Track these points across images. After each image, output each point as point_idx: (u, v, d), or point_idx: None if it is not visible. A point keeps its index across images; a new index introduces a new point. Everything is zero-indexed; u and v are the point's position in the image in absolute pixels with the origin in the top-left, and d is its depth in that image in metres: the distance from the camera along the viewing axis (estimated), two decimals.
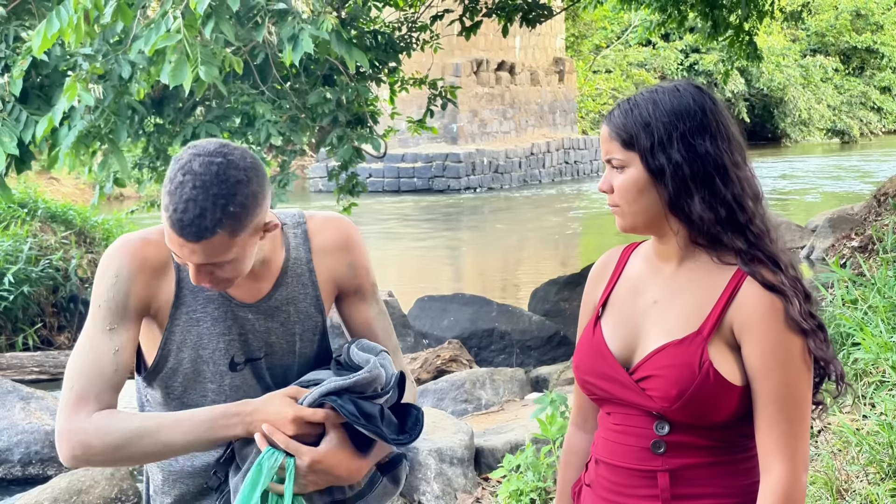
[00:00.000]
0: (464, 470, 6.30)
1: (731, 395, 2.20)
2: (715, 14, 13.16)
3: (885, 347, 5.63)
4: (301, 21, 6.65)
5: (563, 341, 10.84)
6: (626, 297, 2.35)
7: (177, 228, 2.18)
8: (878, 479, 4.61)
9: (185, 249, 2.21)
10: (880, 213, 13.43)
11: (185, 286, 2.38)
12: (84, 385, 2.28)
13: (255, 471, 2.24)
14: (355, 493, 2.38)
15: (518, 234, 22.91)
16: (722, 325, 2.21)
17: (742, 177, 2.23)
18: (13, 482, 7.59)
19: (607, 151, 2.27)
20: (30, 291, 11.73)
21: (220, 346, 2.39)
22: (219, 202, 2.18)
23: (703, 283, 2.25)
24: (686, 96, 2.24)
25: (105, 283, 2.33)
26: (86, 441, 2.24)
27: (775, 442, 2.18)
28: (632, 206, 2.26)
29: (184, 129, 8.81)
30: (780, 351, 2.17)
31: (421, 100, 13.59)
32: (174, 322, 2.37)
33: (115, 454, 2.26)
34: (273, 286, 2.44)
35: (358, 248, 2.54)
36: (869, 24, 46.75)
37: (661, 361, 2.22)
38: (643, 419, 2.26)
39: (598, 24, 40.54)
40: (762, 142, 43.53)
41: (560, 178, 33.67)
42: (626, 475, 2.30)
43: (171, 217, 2.19)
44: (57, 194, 21.51)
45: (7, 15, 7.33)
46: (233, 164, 2.21)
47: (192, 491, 2.46)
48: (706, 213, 2.20)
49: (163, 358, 2.39)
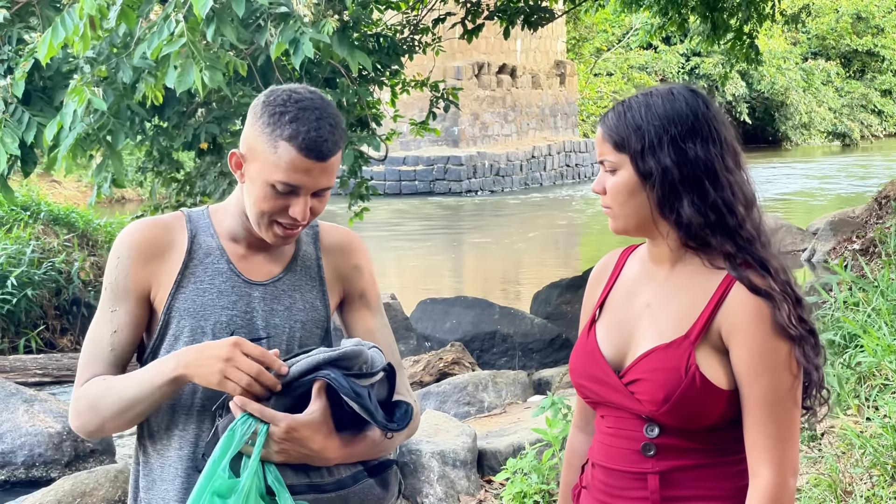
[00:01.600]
0: (467, 472, 6.31)
1: (719, 399, 2.20)
2: (715, 17, 13.17)
3: (888, 350, 5.63)
4: (302, 24, 6.65)
5: (565, 344, 10.84)
6: (621, 300, 2.37)
7: (309, 150, 2.30)
8: (882, 482, 4.61)
9: (313, 172, 2.32)
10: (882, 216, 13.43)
11: (196, 258, 2.43)
12: (86, 361, 2.43)
13: (228, 436, 2.24)
14: (335, 481, 2.33)
15: (519, 237, 22.91)
16: (710, 330, 2.22)
17: (734, 181, 2.24)
18: (17, 484, 7.59)
19: (601, 153, 2.30)
20: (33, 294, 11.73)
21: (221, 319, 2.41)
22: (336, 123, 2.36)
23: (693, 287, 2.26)
24: (679, 100, 2.25)
25: (110, 265, 2.44)
26: (76, 407, 2.40)
27: (763, 446, 2.19)
28: (622, 208, 2.27)
29: (185, 130, 8.81)
30: (768, 356, 2.18)
31: (422, 103, 13.62)
32: (179, 290, 2.41)
33: (93, 414, 2.38)
34: (283, 270, 2.49)
35: (364, 254, 2.60)
36: (870, 27, 46.75)
37: (649, 365, 2.23)
38: (634, 422, 2.28)
39: (600, 27, 40.56)
40: (763, 145, 43.53)
41: (561, 181, 33.67)
42: (619, 477, 2.31)
43: (301, 141, 2.30)
44: (59, 197, 21.53)
45: (11, 17, 7.34)
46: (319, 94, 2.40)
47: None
48: (695, 216, 2.21)
49: (165, 325, 2.41)
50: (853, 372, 5.77)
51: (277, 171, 2.32)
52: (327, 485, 2.33)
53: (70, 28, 5.72)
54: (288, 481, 2.28)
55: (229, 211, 2.48)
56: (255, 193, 2.36)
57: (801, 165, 37.41)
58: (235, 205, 2.47)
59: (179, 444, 2.42)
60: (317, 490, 2.31)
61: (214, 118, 8.81)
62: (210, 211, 2.51)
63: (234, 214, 2.47)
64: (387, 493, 2.42)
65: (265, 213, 2.36)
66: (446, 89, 11.62)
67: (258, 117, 2.35)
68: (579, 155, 34.95)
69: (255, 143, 2.35)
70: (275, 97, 2.36)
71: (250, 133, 2.37)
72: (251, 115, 2.39)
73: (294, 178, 2.32)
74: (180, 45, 5.82)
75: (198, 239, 2.45)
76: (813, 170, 35.80)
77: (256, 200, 2.36)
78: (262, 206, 2.35)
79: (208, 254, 2.44)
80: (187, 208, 2.56)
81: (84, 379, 2.41)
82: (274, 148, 2.31)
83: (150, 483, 2.46)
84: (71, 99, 6.34)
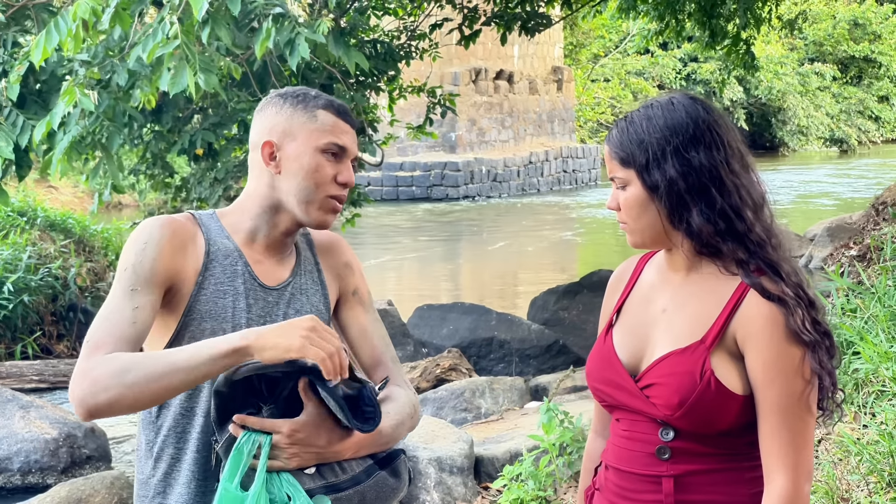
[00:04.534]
0: (464, 479, 6.29)
1: (733, 404, 2.21)
2: (713, 23, 13.18)
3: (885, 357, 5.62)
4: (298, 25, 6.63)
5: (563, 350, 10.83)
6: (638, 306, 2.39)
7: (345, 113, 2.48)
8: (879, 489, 4.61)
9: (351, 135, 2.49)
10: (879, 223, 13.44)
11: (215, 259, 2.43)
12: (101, 336, 2.26)
13: (235, 456, 2.25)
14: (350, 478, 2.35)
15: (516, 243, 22.91)
16: (725, 335, 2.23)
17: (741, 184, 2.25)
18: (12, 491, 7.57)
19: (610, 170, 2.33)
20: (29, 300, 11.72)
21: (241, 322, 2.42)
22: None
23: (709, 293, 2.27)
24: (679, 110, 2.27)
25: (133, 249, 2.36)
26: (93, 377, 2.19)
27: (777, 452, 2.20)
28: (637, 222, 2.30)
29: (181, 137, 8.80)
30: (782, 362, 2.19)
31: (419, 108, 13.61)
32: (201, 291, 2.40)
33: (118, 380, 2.18)
34: (290, 275, 2.51)
35: (351, 251, 2.67)
36: (867, 33, 46.81)
37: (665, 370, 2.25)
38: (649, 425, 2.29)
39: (597, 32, 40.61)
40: (760, 150, 43.56)
41: (558, 187, 33.68)
42: (633, 480, 2.32)
43: (337, 107, 2.47)
44: (55, 203, 21.50)
45: (6, 21, 7.33)
46: None
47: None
48: (705, 225, 2.23)
49: (185, 325, 2.40)
50: (850, 378, 5.77)
51: (325, 134, 2.44)
52: (343, 483, 2.34)
53: (64, 31, 5.72)
54: (305, 486, 2.29)
55: (244, 211, 2.49)
56: (305, 167, 2.43)
57: (798, 171, 37.42)
58: (251, 204, 2.48)
59: (196, 447, 2.41)
60: (334, 490, 2.32)
61: (211, 124, 8.81)
62: (219, 214, 2.51)
63: (251, 214, 2.48)
64: (399, 482, 2.44)
65: (319, 184, 2.43)
66: (444, 95, 11.62)
67: (281, 106, 2.46)
68: (576, 161, 34.96)
69: (290, 124, 2.44)
70: (285, 91, 2.50)
71: (279, 120, 2.45)
72: (271, 109, 2.47)
73: (341, 139, 2.45)
74: (174, 46, 5.81)
75: (214, 240, 2.45)
76: (810, 175, 35.82)
77: (308, 173, 2.43)
78: (316, 176, 2.42)
79: (227, 255, 2.45)
80: (194, 210, 2.56)
81: (98, 353, 2.23)
82: (314, 117, 2.44)
83: (165, 487, 2.44)
84: (62, 100, 6.33)
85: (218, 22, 6.13)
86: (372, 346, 2.58)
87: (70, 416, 7.92)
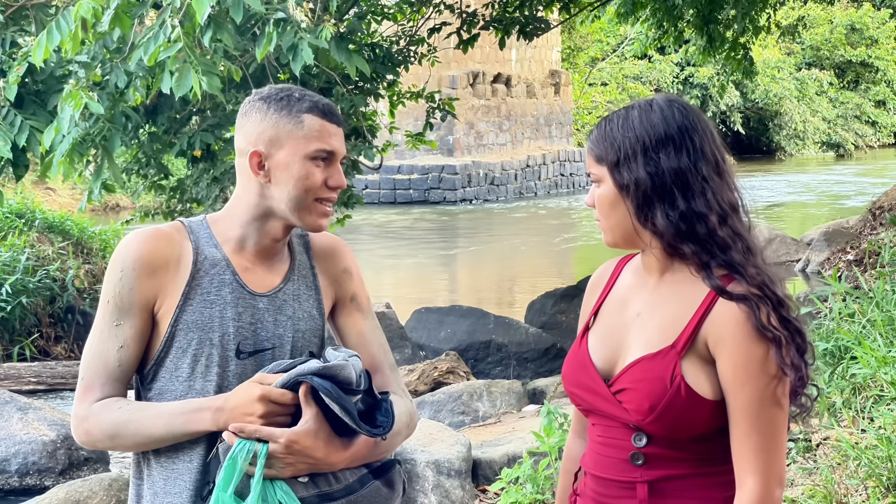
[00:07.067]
0: (461, 482, 6.30)
1: (704, 410, 2.21)
2: (711, 29, 13.19)
3: (883, 361, 5.63)
4: (300, 30, 6.64)
5: (560, 353, 10.83)
6: (613, 309, 2.39)
7: (331, 114, 2.44)
8: (878, 493, 4.62)
9: (339, 136, 2.46)
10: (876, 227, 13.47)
11: (202, 269, 2.42)
12: (91, 376, 2.42)
13: (229, 464, 2.25)
14: (343, 487, 2.35)
15: (514, 246, 22.92)
16: (696, 340, 2.23)
17: (708, 189, 2.24)
18: (10, 493, 7.58)
19: (587, 166, 2.35)
20: (27, 302, 11.72)
21: (229, 331, 2.41)
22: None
23: (681, 297, 2.27)
24: (655, 112, 2.28)
25: (112, 278, 2.41)
26: (87, 428, 2.40)
27: (748, 456, 2.19)
28: (608, 220, 2.31)
29: (180, 139, 8.80)
30: (751, 365, 2.18)
31: (417, 112, 13.61)
32: (188, 302, 2.40)
33: (111, 442, 2.42)
34: (282, 280, 2.50)
35: (351, 257, 2.64)
36: (864, 38, 46.85)
37: (636, 375, 2.25)
38: (622, 431, 2.29)
39: (594, 36, 40.62)
40: (757, 155, 43.59)
41: (556, 191, 33.70)
42: (609, 486, 2.33)
43: (322, 108, 2.43)
44: (53, 205, 21.50)
45: (4, 21, 7.33)
46: None
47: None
48: (667, 226, 2.23)
49: (171, 337, 2.40)
50: (848, 383, 5.78)
51: (312, 141, 2.41)
52: (336, 492, 2.34)
53: (65, 31, 5.71)
54: (298, 494, 2.29)
55: (233, 219, 2.48)
56: (295, 176, 2.40)
57: (795, 175, 37.44)
58: (240, 211, 2.47)
59: (189, 457, 2.41)
60: (328, 499, 2.33)
61: (209, 126, 8.80)
62: (209, 221, 2.50)
63: (240, 221, 2.47)
64: (393, 492, 2.43)
65: (310, 190, 2.41)
66: (442, 100, 11.62)
67: (266, 112, 2.42)
68: (574, 164, 34.99)
69: (276, 131, 2.41)
70: (267, 93, 2.46)
71: (265, 127, 2.41)
72: (255, 115, 2.43)
73: (329, 143, 2.43)
74: (177, 49, 5.81)
75: (202, 250, 2.44)
76: (807, 180, 35.85)
77: (299, 181, 2.40)
78: (307, 183, 2.41)
79: (214, 265, 2.44)
80: (185, 218, 2.55)
81: (94, 397, 2.40)
82: (299, 123, 2.41)
83: (154, 496, 2.45)
84: (67, 104, 6.32)
85: (220, 25, 6.13)
86: (370, 354, 2.56)
87: (68, 418, 7.92)
